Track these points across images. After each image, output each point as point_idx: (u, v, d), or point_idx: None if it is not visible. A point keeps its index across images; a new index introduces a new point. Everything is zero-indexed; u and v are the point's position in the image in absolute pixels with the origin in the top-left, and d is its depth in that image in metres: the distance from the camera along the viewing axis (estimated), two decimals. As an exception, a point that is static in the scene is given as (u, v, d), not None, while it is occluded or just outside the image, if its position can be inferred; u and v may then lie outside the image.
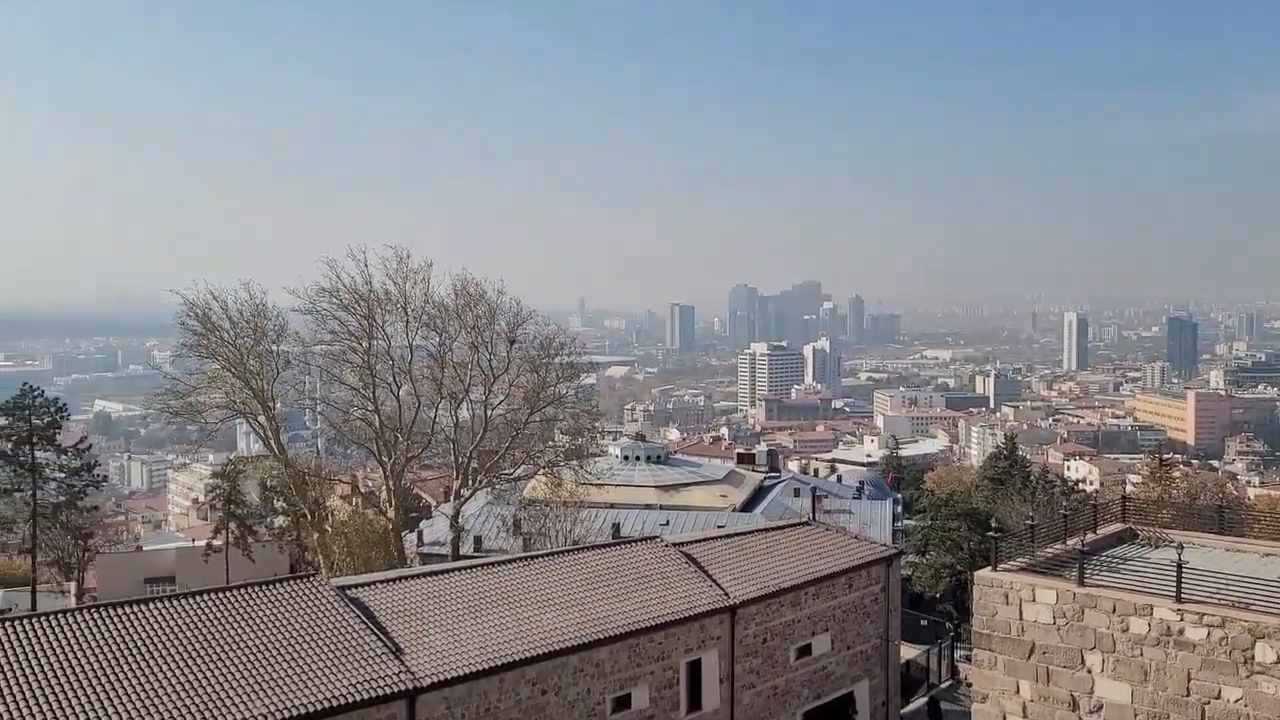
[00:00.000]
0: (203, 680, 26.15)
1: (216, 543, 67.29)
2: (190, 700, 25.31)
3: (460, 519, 59.89)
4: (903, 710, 45.85)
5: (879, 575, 43.28)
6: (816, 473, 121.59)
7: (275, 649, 28.00)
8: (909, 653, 49.91)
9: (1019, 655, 27.76)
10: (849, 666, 41.68)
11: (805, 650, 39.78)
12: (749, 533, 45.27)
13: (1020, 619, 27.79)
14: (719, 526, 57.52)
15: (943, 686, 50.92)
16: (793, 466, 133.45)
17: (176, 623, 28.33)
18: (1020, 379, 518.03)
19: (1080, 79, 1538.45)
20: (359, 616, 30.26)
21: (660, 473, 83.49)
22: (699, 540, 42.22)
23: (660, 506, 74.13)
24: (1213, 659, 24.65)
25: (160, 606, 29.11)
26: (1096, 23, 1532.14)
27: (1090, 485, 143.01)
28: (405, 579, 34.11)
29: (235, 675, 26.59)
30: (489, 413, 59.69)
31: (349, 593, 31.85)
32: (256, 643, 28.13)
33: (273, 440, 58.56)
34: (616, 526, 65.07)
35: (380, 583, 33.44)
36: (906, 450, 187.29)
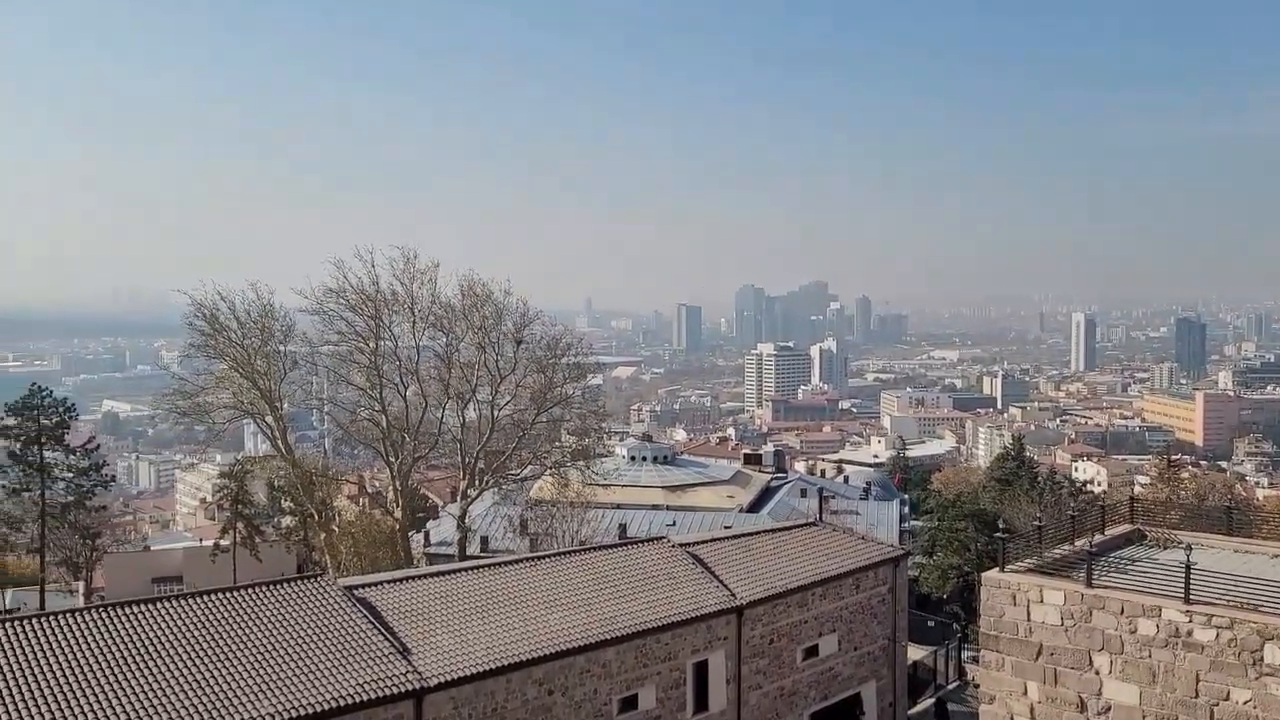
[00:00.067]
0: (210, 679, 26.23)
1: (224, 543, 67.41)
2: (197, 699, 25.39)
3: (467, 519, 59.97)
4: (910, 711, 45.81)
5: (886, 576, 43.23)
6: (823, 473, 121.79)
7: (282, 648, 28.07)
8: (916, 654, 49.90)
9: (1027, 656, 27.66)
10: (856, 667, 41.62)
11: (812, 651, 39.75)
12: (756, 533, 45.29)
13: (1028, 620, 27.68)
14: (726, 527, 57.45)
15: (950, 687, 50.90)
16: (799, 467, 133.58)
17: (184, 622, 28.43)
18: (1028, 380, 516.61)
19: (1080, 79, 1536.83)
20: (366, 616, 30.32)
21: (667, 473, 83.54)
22: (706, 541, 42.24)
23: (667, 507, 74.04)
24: (1221, 660, 24.53)
25: (168, 606, 29.23)
26: (1097, 23, 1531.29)
27: (1098, 486, 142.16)
28: (412, 579, 34.19)
29: (242, 675, 26.67)
30: (496, 413, 59.73)
31: (356, 593, 31.93)
32: (263, 642, 28.21)
33: (280, 440, 58.76)
34: (623, 527, 65.03)
35: (387, 583, 33.53)
36: (914, 451, 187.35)
